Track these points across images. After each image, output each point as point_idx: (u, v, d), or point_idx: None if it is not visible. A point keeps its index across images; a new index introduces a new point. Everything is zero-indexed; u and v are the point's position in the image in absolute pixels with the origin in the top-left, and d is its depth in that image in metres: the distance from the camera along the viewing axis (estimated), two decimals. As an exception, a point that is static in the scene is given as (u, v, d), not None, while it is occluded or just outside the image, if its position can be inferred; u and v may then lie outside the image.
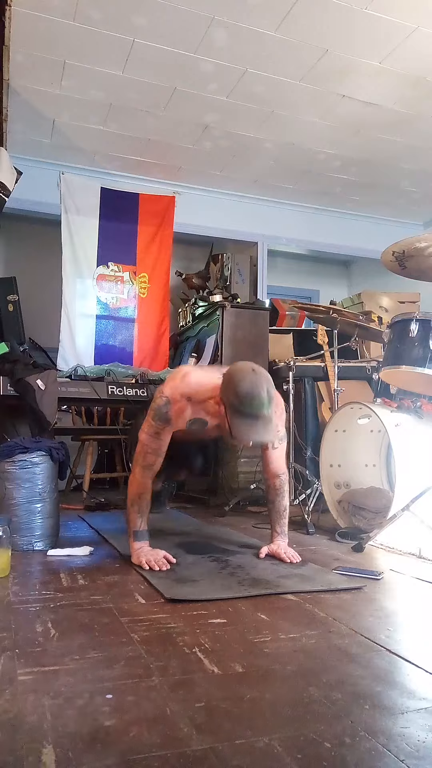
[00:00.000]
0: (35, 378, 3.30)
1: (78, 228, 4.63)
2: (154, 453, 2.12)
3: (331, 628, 1.46)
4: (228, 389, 1.93)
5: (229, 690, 1.10)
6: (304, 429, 3.89)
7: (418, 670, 1.22)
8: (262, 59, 3.52)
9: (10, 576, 1.91)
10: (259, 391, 1.88)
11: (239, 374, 1.93)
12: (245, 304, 4.55)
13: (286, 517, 2.29)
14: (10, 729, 0.95)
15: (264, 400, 1.89)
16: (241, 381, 1.90)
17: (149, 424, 2.12)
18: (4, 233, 5.13)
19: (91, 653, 1.27)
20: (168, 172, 5.03)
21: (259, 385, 1.89)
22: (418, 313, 2.56)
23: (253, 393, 1.88)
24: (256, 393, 1.88)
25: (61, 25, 3.23)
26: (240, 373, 1.94)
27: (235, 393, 1.89)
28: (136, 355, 4.78)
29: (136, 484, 2.13)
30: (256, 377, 1.92)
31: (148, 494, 2.14)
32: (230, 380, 1.94)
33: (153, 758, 0.87)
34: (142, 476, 2.12)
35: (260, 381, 1.91)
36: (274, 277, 5.96)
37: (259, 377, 1.92)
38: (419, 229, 5.94)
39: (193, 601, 1.64)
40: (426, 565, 2.19)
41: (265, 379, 1.93)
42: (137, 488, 2.13)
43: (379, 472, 3.11)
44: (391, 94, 3.85)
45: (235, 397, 1.89)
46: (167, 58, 3.52)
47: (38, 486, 2.36)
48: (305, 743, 0.92)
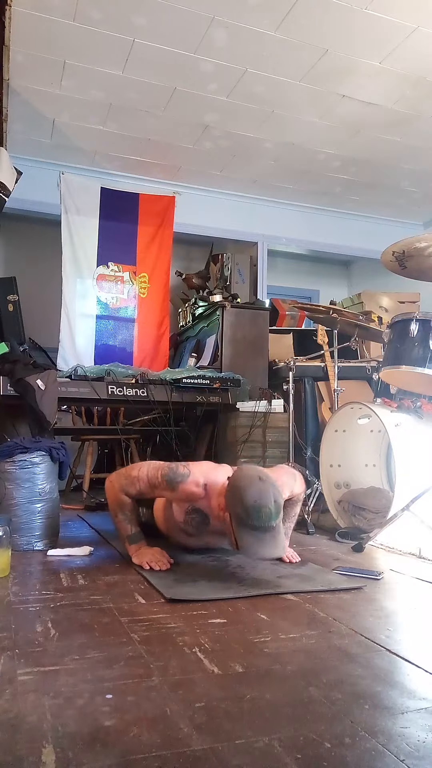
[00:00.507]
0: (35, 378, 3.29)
1: (78, 228, 4.63)
2: (138, 492, 2.08)
3: (331, 628, 1.46)
4: (233, 499, 1.82)
5: (229, 690, 1.10)
6: (304, 429, 3.89)
7: (418, 670, 1.22)
8: (262, 59, 3.52)
9: (10, 576, 1.91)
10: (266, 502, 1.77)
11: (245, 483, 1.82)
12: (245, 304, 4.55)
13: (293, 522, 2.29)
14: (10, 729, 0.95)
15: (272, 512, 1.77)
16: (247, 491, 1.79)
17: (156, 473, 2.04)
18: (4, 233, 5.13)
19: (91, 653, 1.27)
20: (168, 172, 5.03)
21: (266, 494, 1.78)
22: (418, 313, 2.56)
23: (261, 504, 1.76)
24: (264, 504, 1.76)
25: (61, 25, 3.23)
26: (245, 482, 1.83)
27: (241, 504, 1.78)
28: (136, 355, 4.77)
29: (114, 498, 2.11)
30: (263, 485, 1.81)
31: (129, 505, 2.11)
32: (235, 489, 1.83)
33: (153, 758, 0.87)
34: (120, 494, 2.09)
35: (267, 489, 1.80)
36: (274, 277, 5.96)
37: (266, 485, 1.81)
38: (419, 229, 5.94)
39: (193, 601, 1.65)
40: (426, 565, 2.19)
41: (271, 486, 1.82)
42: (116, 502, 2.11)
43: (379, 472, 3.11)
44: (391, 94, 3.85)
45: (242, 509, 1.78)
46: (167, 58, 3.52)
47: (38, 486, 2.36)
48: (305, 743, 0.92)
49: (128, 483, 2.08)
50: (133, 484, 2.07)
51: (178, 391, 3.79)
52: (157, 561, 2.01)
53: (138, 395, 3.71)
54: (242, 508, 1.78)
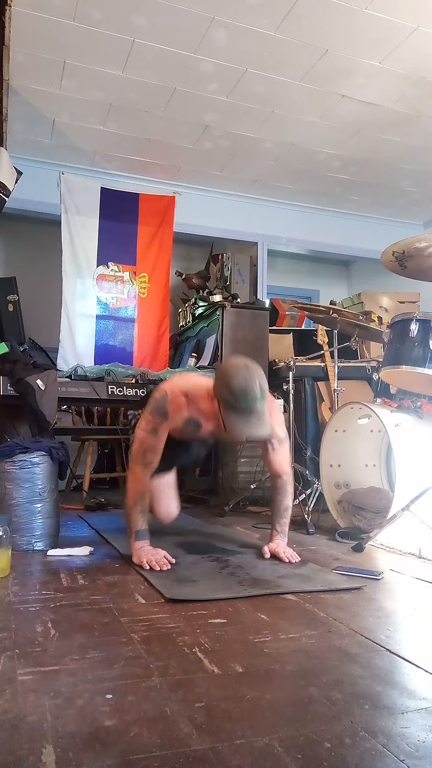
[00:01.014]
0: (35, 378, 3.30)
1: (78, 228, 4.63)
2: (152, 450, 2.13)
3: (331, 628, 1.46)
4: (221, 384, 1.96)
5: (229, 690, 1.10)
6: (304, 429, 3.89)
7: (418, 670, 1.22)
8: (262, 59, 3.52)
9: (10, 576, 1.91)
10: (251, 385, 1.90)
11: (232, 369, 1.96)
12: (245, 304, 4.55)
13: (287, 517, 2.29)
14: (10, 729, 0.95)
15: (257, 395, 1.91)
16: (234, 376, 1.92)
17: (147, 419, 2.13)
18: (4, 233, 5.13)
19: (91, 653, 1.27)
20: (168, 172, 5.03)
21: (251, 380, 1.91)
22: (418, 313, 2.56)
23: (246, 387, 1.90)
24: (249, 387, 1.90)
25: (61, 25, 3.23)
26: (232, 369, 1.96)
27: (228, 388, 1.92)
28: (136, 355, 4.78)
29: (137, 483, 2.13)
30: (249, 372, 1.94)
31: (149, 493, 2.15)
32: (223, 375, 1.96)
33: (153, 758, 0.87)
34: (143, 474, 2.13)
35: (253, 376, 1.93)
36: (274, 277, 5.96)
37: (252, 372, 1.94)
38: (419, 229, 5.94)
39: (193, 601, 1.64)
40: (426, 565, 2.19)
41: (257, 374, 1.95)
42: (139, 487, 2.13)
43: (379, 472, 3.11)
44: (391, 94, 3.85)
45: (229, 392, 1.92)
46: (167, 58, 3.52)
47: (38, 486, 2.36)
48: (305, 743, 0.92)
49: (141, 454, 2.13)
50: (145, 450, 2.13)
51: (178, 391, 3.78)
52: (158, 561, 2.01)
53: (138, 395, 3.71)
54: (229, 393, 1.91)
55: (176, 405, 2.12)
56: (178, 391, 2.13)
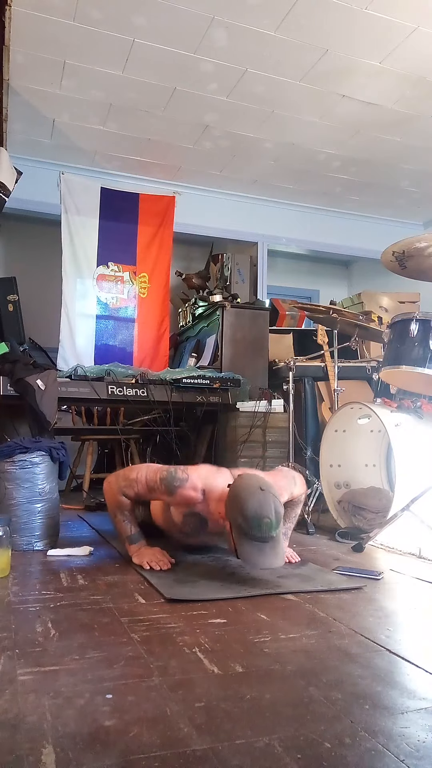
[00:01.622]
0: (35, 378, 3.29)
1: (78, 228, 4.63)
2: (136, 494, 2.08)
3: (331, 628, 1.46)
4: (234, 508, 1.82)
5: (229, 690, 1.10)
6: (304, 429, 3.89)
7: (418, 670, 1.22)
8: (262, 59, 3.52)
9: (10, 576, 1.91)
10: (267, 513, 1.77)
11: (245, 493, 1.82)
12: (245, 304, 4.55)
13: (293, 523, 2.29)
14: (10, 729, 0.95)
15: (272, 523, 1.78)
16: (248, 501, 1.79)
17: (154, 477, 2.04)
18: (4, 233, 5.13)
19: (91, 653, 1.27)
20: (168, 172, 5.03)
21: (267, 506, 1.78)
22: (418, 313, 2.56)
23: (261, 515, 1.77)
24: (264, 515, 1.77)
25: (61, 25, 3.23)
26: (246, 493, 1.82)
27: (242, 514, 1.79)
28: (136, 355, 4.77)
29: (113, 499, 2.11)
30: (264, 496, 1.80)
31: (127, 506, 2.12)
32: (236, 499, 1.83)
33: (153, 758, 0.87)
34: (119, 495, 2.09)
35: (268, 500, 1.80)
36: (274, 277, 5.95)
37: (267, 496, 1.81)
38: (419, 229, 5.93)
39: (193, 601, 1.64)
40: (426, 565, 2.19)
41: (272, 497, 1.82)
42: (115, 503, 2.11)
43: (379, 472, 3.11)
44: (391, 94, 3.85)
45: (243, 519, 1.79)
46: (167, 58, 3.52)
47: (38, 486, 2.36)
48: (305, 743, 0.92)
49: (126, 485, 2.08)
50: (131, 487, 2.07)
51: (178, 391, 3.79)
52: (158, 561, 2.01)
53: (138, 395, 3.71)
54: (243, 519, 1.78)
55: (187, 497, 2.01)
56: (200, 485, 2.01)
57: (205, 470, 2.09)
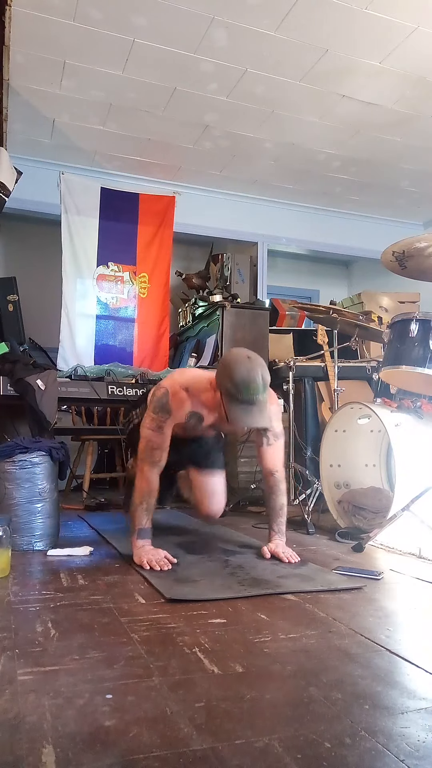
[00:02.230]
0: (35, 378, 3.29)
1: (78, 228, 4.63)
2: (159, 448, 2.14)
3: (331, 628, 1.46)
4: (224, 376, 1.98)
5: (229, 690, 1.10)
6: (304, 429, 3.89)
7: (418, 670, 1.22)
8: (262, 59, 3.52)
9: (10, 576, 1.91)
10: (254, 377, 1.93)
11: (234, 361, 1.99)
12: (245, 304, 4.55)
13: (283, 516, 2.29)
14: (10, 729, 0.95)
15: (259, 386, 1.94)
16: (237, 367, 1.96)
17: (151, 417, 2.15)
18: (4, 233, 5.13)
19: (91, 653, 1.27)
20: (168, 172, 5.03)
21: (254, 371, 1.95)
22: (418, 313, 2.56)
23: (249, 378, 1.93)
24: (252, 378, 1.93)
25: (61, 25, 3.23)
26: (235, 360, 1.99)
27: (230, 379, 1.95)
28: (136, 355, 4.77)
29: (145, 482, 2.13)
30: (251, 363, 1.97)
31: (155, 492, 2.14)
32: (226, 367, 1.99)
33: (153, 758, 0.87)
34: (151, 473, 2.13)
35: (255, 367, 1.96)
36: (274, 277, 5.95)
37: (254, 363, 1.97)
38: (419, 229, 5.93)
39: (193, 601, 1.64)
40: (426, 565, 2.19)
41: (259, 365, 1.98)
42: (147, 486, 2.13)
43: (379, 472, 3.11)
44: (391, 94, 3.85)
45: (231, 384, 1.94)
46: (167, 58, 3.52)
47: (38, 486, 2.36)
48: (305, 743, 0.92)
49: (150, 452, 2.13)
50: (152, 449, 2.13)
51: (178, 391, 3.78)
52: (158, 561, 2.01)
53: (138, 395, 3.71)
54: (232, 384, 1.94)
55: (178, 400, 2.14)
56: (179, 386, 2.16)
57: (176, 374, 2.26)
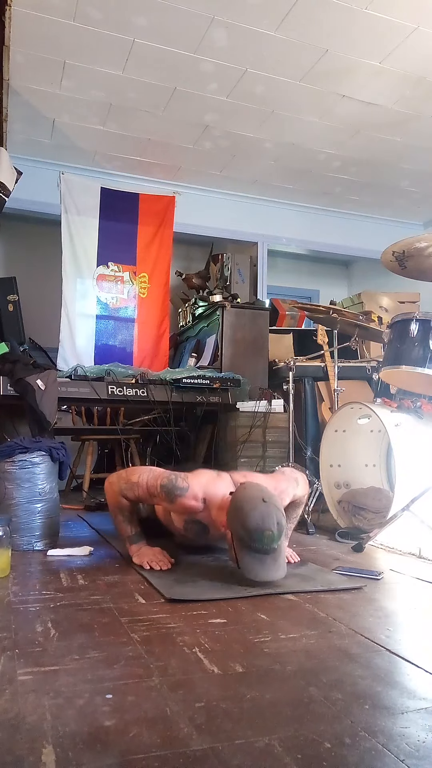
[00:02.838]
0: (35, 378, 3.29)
1: (78, 228, 4.63)
2: (136, 498, 2.08)
3: (331, 628, 1.46)
4: (235, 520, 1.81)
5: (229, 690, 1.10)
6: (304, 429, 3.89)
7: (418, 670, 1.22)
8: (262, 59, 3.52)
9: (10, 576, 1.91)
10: (269, 526, 1.75)
11: (248, 503, 1.81)
12: (245, 304, 4.56)
13: (294, 523, 2.30)
14: (10, 729, 0.95)
15: (274, 535, 1.76)
16: (251, 513, 1.77)
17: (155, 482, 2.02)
18: (4, 233, 5.13)
19: (91, 653, 1.27)
20: (168, 172, 5.03)
21: (269, 518, 1.77)
22: (418, 313, 2.56)
23: (263, 528, 1.75)
24: (267, 527, 1.75)
25: (61, 25, 3.23)
26: (249, 502, 1.81)
27: (243, 526, 1.77)
28: (136, 355, 4.78)
29: (114, 500, 2.11)
30: (266, 508, 1.78)
31: (127, 506, 2.11)
32: (238, 510, 1.81)
33: (153, 758, 0.87)
34: (119, 496, 2.09)
35: (270, 512, 1.78)
36: (274, 277, 5.95)
37: (269, 508, 1.79)
38: (419, 229, 5.93)
39: (193, 601, 1.64)
40: (426, 565, 2.19)
41: (275, 508, 1.81)
42: (116, 504, 2.11)
43: (379, 472, 3.11)
44: (391, 94, 3.85)
45: (244, 531, 1.77)
46: (167, 58, 3.52)
47: (38, 486, 2.36)
48: (305, 743, 0.92)
49: (127, 488, 2.08)
50: (132, 490, 2.07)
51: (178, 391, 3.79)
52: (158, 561, 2.01)
53: (138, 395, 3.71)
54: (244, 531, 1.77)
55: (187, 506, 2.01)
56: (201, 494, 2.00)
57: (205, 477, 2.06)
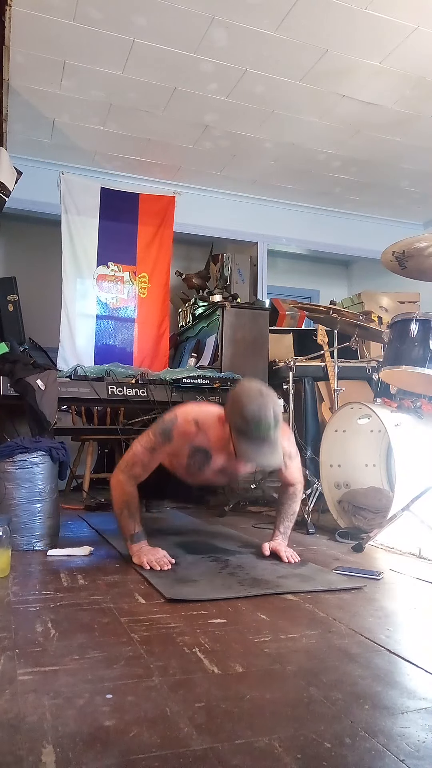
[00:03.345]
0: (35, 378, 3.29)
1: (78, 228, 4.63)
2: (142, 467, 2.10)
3: (331, 628, 1.46)
4: (234, 411, 1.90)
5: (229, 690, 1.10)
6: (304, 429, 3.89)
7: (418, 670, 1.22)
8: (262, 59, 3.52)
9: (10, 576, 1.91)
10: (266, 413, 1.85)
11: (246, 396, 1.90)
12: (245, 304, 4.55)
13: (292, 521, 2.30)
14: (10, 729, 0.95)
15: (270, 424, 1.85)
16: (248, 403, 1.87)
17: (148, 437, 2.10)
18: (4, 233, 5.13)
19: (91, 653, 1.27)
20: (168, 172, 5.03)
21: (266, 407, 1.86)
22: (418, 313, 2.56)
23: (260, 415, 1.84)
24: (263, 415, 1.84)
25: (61, 25, 3.23)
26: (247, 394, 1.90)
27: (241, 415, 1.86)
28: (136, 355, 4.78)
29: (121, 492, 2.11)
30: (263, 399, 1.88)
31: (134, 500, 2.12)
32: (236, 401, 1.91)
33: (153, 758, 0.87)
34: (127, 484, 2.11)
35: (267, 403, 1.87)
36: (274, 277, 5.96)
37: (266, 399, 1.88)
38: (419, 229, 5.94)
39: (193, 601, 1.64)
40: (426, 565, 2.19)
41: (272, 401, 1.90)
42: (123, 497, 2.11)
43: (379, 472, 3.11)
44: (391, 94, 3.85)
45: (242, 420, 1.86)
46: (167, 58, 3.52)
47: (38, 486, 2.36)
48: (305, 743, 0.92)
49: (130, 465, 2.10)
50: (135, 463, 2.09)
51: (178, 391, 3.79)
52: (158, 560, 2.01)
53: (138, 395, 3.71)
54: (242, 420, 1.86)
55: (183, 432, 2.06)
56: (191, 417, 2.08)
57: (189, 406, 2.16)
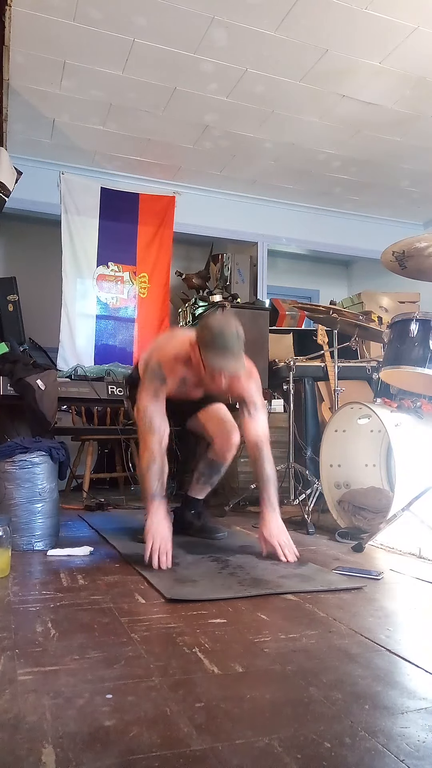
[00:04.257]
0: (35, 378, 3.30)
1: (78, 228, 4.63)
2: (159, 415, 2.21)
3: (331, 628, 1.46)
4: (202, 329, 2.14)
5: (229, 690, 1.10)
6: (304, 429, 3.89)
7: (418, 670, 1.22)
8: (262, 59, 3.52)
9: (10, 576, 1.91)
10: (228, 328, 2.08)
11: (212, 317, 2.17)
12: (245, 304, 4.55)
13: (273, 485, 2.29)
14: (10, 729, 0.95)
15: (233, 335, 2.07)
16: (213, 321, 2.12)
17: (146, 387, 2.25)
18: (4, 233, 5.14)
19: (91, 653, 1.27)
20: (168, 172, 5.03)
21: (228, 324, 2.10)
22: (418, 313, 2.55)
23: (223, 327, 2.08)
24: (226, 327, 2.08)
25: (61, 25, 3.23)
26: (213, 317, 2.17)
27: (207, 329, 2.11)
28: (136, 355, 4.78)
29: (148, 451, 2.17)
30: (226, 319, 2.13)
31: (160, 458, 2.18)
32: (204, 322, 2.17)
33: (153, 758, 0.87)
34: (153, 443, 2.17)
35: (230, 321, 2.11)
36: (274, 277, 5.96)
37: (229, 319, 2.13)
38: (419, 229, 5.93)
39: (193, 601, 1.64)
40: (426, 565, 2.19)
41: (235, 322, 2.12)
42: (150, 454, 2.17)
43: (379, 472, 3.11)
44: (391, 94, 3.85)
45: (208, 333, 2.09)
46: (167, 58, 3.52)
47: (38, 486, 2.36)
48: (305, 743, 0.92)
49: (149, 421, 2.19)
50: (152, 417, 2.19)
51: (178, 391, 3.78)
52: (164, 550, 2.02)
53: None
54: (209, 333, 2.09)
55: (170, 368, 2.26)
56: (170, 356, 2.27)
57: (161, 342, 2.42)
